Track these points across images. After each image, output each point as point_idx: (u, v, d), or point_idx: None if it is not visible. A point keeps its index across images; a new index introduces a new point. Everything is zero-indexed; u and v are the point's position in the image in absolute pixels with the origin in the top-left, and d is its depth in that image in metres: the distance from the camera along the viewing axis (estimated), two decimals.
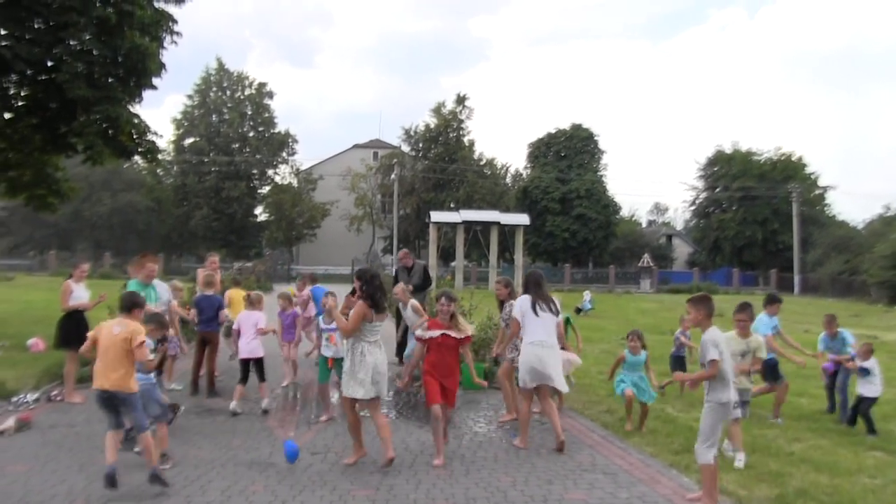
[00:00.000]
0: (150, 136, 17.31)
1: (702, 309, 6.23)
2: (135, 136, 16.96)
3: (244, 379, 9.83)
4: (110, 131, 16.05)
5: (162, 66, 16.54)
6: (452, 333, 7.64)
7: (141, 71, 15.96)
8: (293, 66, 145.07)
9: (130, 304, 6.69)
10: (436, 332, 7.63)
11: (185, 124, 63.20)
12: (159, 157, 19.13)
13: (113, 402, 6.36)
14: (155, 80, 16.59)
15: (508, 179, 68.12)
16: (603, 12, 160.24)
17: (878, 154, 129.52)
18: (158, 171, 61.82)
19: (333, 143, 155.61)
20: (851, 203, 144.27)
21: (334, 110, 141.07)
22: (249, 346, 9.80)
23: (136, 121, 16.63)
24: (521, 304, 8.42)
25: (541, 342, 8.07)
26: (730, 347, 6.65)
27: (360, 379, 7.03)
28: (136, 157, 18.62)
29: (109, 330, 6.46)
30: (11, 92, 15.98)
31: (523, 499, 6.41)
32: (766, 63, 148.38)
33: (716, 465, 6.08)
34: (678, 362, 11.69)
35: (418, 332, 7.90)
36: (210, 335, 10.80)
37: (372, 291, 7.12)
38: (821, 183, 62.78)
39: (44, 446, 7.77)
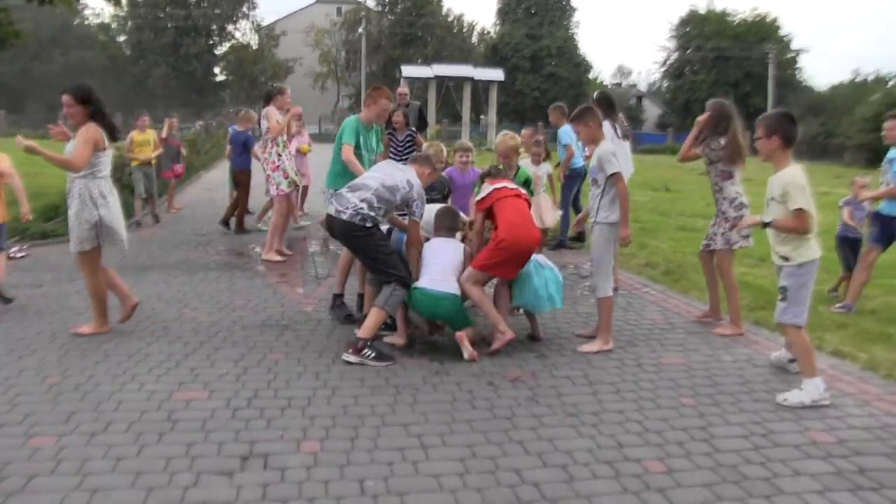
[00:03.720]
0: None
1: (591, 123, 6.06)
2: None
3: None
4: None
5: None
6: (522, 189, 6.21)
7: None
8: None
9: None
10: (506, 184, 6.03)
11: None
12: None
13: None
14: None
15: (474, 38, 65.89)
16: None
17: (851, 14, 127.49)
18: (112, 25, 58.59)
19: None
20: (820, 65, 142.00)
21: None
22: None
23: None
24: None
25: None
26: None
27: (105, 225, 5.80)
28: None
29: None
30: None
31: (613, 363, 5.59)
32: None
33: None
34: (848, 245, 8.08)
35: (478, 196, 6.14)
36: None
37: (101, 107, 5.84)
38: (793, 46, 61.34)
39: (7, 311, 6.76)
